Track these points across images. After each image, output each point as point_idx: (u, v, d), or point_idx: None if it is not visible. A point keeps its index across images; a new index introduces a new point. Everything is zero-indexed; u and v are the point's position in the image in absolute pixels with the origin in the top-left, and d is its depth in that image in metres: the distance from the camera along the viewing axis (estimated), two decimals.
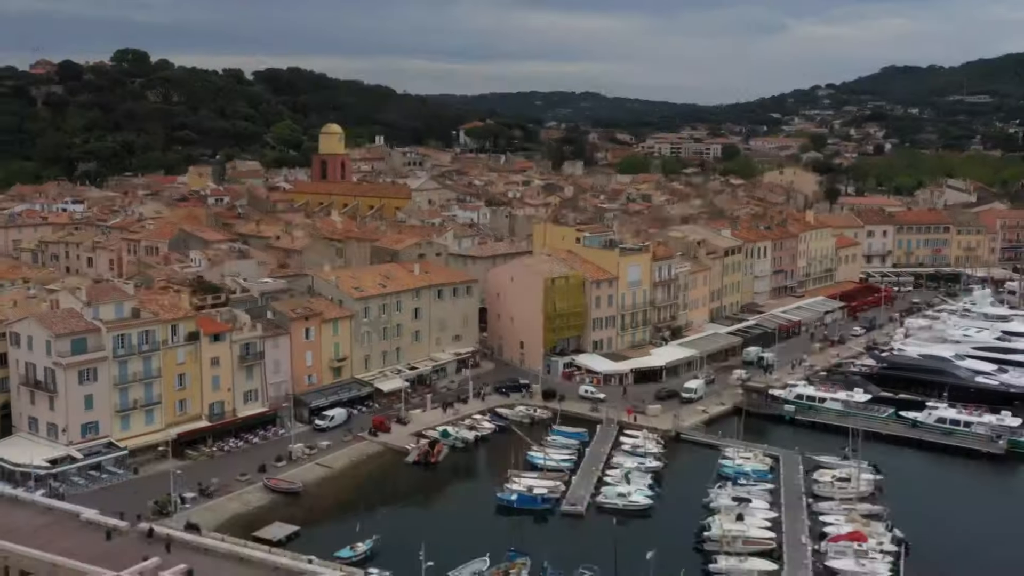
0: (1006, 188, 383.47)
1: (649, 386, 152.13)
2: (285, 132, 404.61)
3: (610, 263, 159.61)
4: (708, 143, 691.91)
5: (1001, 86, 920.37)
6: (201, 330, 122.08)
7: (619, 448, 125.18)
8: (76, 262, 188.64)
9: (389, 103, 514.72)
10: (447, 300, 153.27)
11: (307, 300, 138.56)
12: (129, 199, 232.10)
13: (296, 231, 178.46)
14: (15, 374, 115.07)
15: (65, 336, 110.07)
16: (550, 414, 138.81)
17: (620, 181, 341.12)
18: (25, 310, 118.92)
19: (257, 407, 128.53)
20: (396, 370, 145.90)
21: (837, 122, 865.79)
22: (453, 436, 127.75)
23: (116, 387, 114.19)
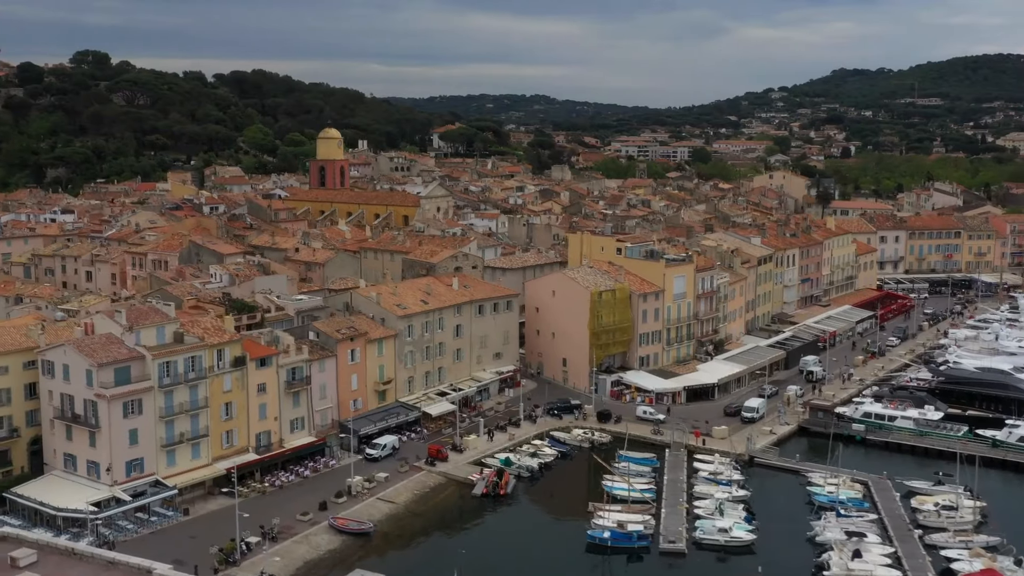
0: (988, 191, 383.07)
1: (702, 404, 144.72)
2: (258, 136, 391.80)
3: (655, 275, 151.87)
4: (674, 146, 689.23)
5: (950, 89, 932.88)
6: (248, 354, 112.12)
7: (697, 475, 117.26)
8: (74, 277, 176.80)
9: (359, 107, 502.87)
10: (488, 316, 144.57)
11: (349, 319, 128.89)
12: (120, 208, 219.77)
13: (314, 242, 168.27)
14: (48, 406, 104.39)
15: (108, 365, 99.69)
16: (609, 437, 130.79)
17: (608, 186, 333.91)
18: (54, 335, 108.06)
19: (304, 436, 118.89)
20: (440, 392, 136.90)
21: (795, 124, 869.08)
22: (516, 464, 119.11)
23: (162, 420, 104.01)
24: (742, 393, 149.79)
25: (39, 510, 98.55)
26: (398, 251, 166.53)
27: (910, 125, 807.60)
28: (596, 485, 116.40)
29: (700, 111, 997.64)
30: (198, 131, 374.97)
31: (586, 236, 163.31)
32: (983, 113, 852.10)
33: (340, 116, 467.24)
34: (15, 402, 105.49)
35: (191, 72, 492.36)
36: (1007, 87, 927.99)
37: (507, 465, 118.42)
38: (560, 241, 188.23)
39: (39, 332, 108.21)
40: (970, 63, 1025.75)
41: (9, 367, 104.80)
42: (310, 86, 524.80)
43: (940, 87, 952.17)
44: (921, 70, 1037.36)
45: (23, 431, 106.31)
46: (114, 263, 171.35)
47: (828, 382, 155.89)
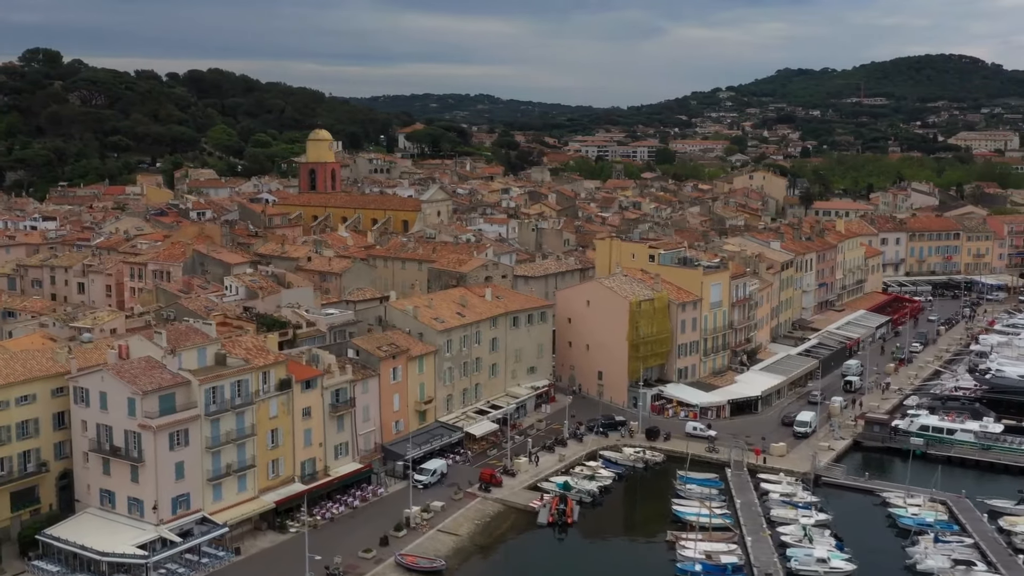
0: (961, 191, 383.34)
1: (746, 418, 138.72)
2: (223, 137, 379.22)
3: (693, 282, 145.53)
4: (633, 146, 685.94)
5: (895, 88, 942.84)
6: (293, 376, 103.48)
7: (768, 497, 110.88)
8: (64, 288, 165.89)
9: (320, 107, 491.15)
10: (522, 328, 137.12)
11: (387, 334, 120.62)
12: (103, 214, 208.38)
13: (326, 251, 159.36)
14: (81, 438, 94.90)
15: (153, 393, 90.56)
16: (662, 456, 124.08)
17: (586, 187, 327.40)
18: (83, 359, 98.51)
19: (348, 462, 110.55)
20: (478, 410, 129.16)
21: (747, 124, 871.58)
22: (576, 489, 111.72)
23: (208, 451, 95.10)
24: (784, 405, 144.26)
25: (80, 554, 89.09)
26: (420, 260, 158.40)
27: (861, 124, 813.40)
28: (662, 509, 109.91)
29: (650, 110, 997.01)
30: (161, 132, 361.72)
31: (615, 242, 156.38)
32: (928, 112, 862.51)
33: (302, 116, 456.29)
34: (43, 433, 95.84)
35: (143, 71, 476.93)
36: (950, 87, 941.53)
37: (567, 490, 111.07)
38: (574, 246, 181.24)
39: (67, 356, 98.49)
40: (913, 63, 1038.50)
41: (37, 395, 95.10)
42: (268, 85, 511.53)
43: (885, 87, 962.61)
44: (866, 70, 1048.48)
45: (51, 465, 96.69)
46: (109, 274, 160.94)
47: (868, 391, 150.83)
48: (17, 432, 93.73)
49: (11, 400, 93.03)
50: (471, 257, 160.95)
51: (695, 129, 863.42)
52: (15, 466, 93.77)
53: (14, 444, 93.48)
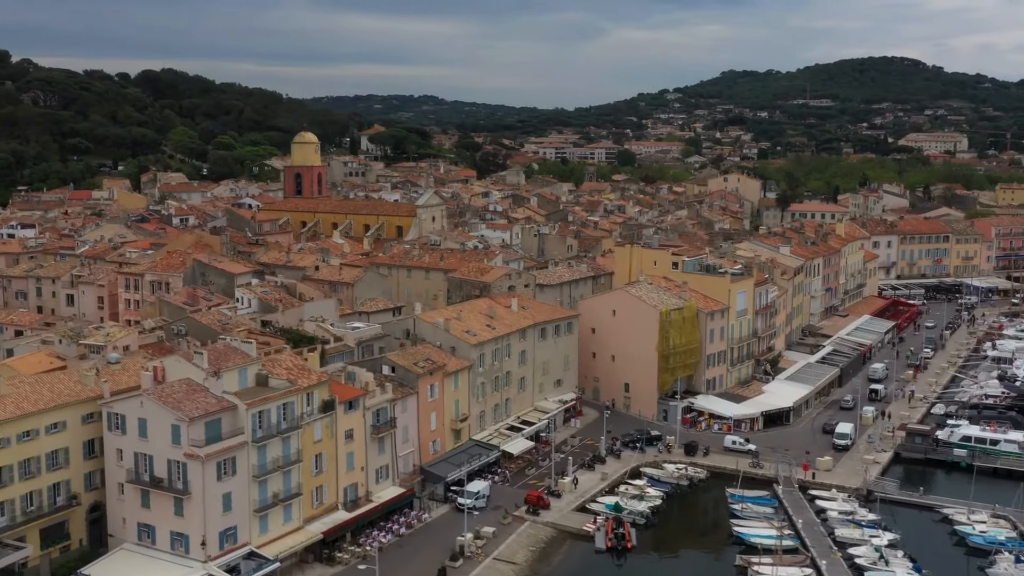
0: (928, 193, 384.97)
1: (780, 430, 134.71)
2: (185, 140, 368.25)
3: (720, 290, 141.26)
4: (590, 148, 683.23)
5: (839, 90, 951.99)
6: (336, 397, 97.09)
7: (826, 515, 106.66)
8: (51, 300, 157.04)
9: (279, 108, 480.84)
10: (550, 339, 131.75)
11: (420, 349, 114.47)
12: (82, 221, 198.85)
13: (333, 259, 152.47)
14: (116, 468, 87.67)
15: (200, 419, 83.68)
16: (705, 473, 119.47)
17: (562, 190, 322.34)
18: (113, 382, 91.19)
19: (389, 486, 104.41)
20: (510, 427, 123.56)
21: (697, 125, 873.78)
22: (628, 510, 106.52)
23: (255, 480, 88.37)
24: (813, 415, 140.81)
25: None
26: (427, 267, 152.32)
27: (811, 126, 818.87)
28: (719, 530, 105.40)
29: (599, 111, 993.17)
30: (121, 134, 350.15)
31: (636, 249, 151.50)
32: (873, 114, 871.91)
33: (262, 118, 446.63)
34: (73, 463, 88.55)
35: (93, 71, 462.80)
36: (893, 89, 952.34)
37: (618, 511, 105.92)
38: (577, 252, 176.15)
39: (95, 378, 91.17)
40: (856, 65, 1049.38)
41: (67, 422, 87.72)
42: (223, 86, 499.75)
43: (829, 88, 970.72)
44: (810, 71, 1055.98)
45: (82, 497, 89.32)
46: (101, 284, 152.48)
47: (894, 399, 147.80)
48: (47, 463, 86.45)
49: (41, 429, 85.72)
50: (480, 264, 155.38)
51: (647, 131, 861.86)
52: (45, 500, 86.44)
53: (44, 476, 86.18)
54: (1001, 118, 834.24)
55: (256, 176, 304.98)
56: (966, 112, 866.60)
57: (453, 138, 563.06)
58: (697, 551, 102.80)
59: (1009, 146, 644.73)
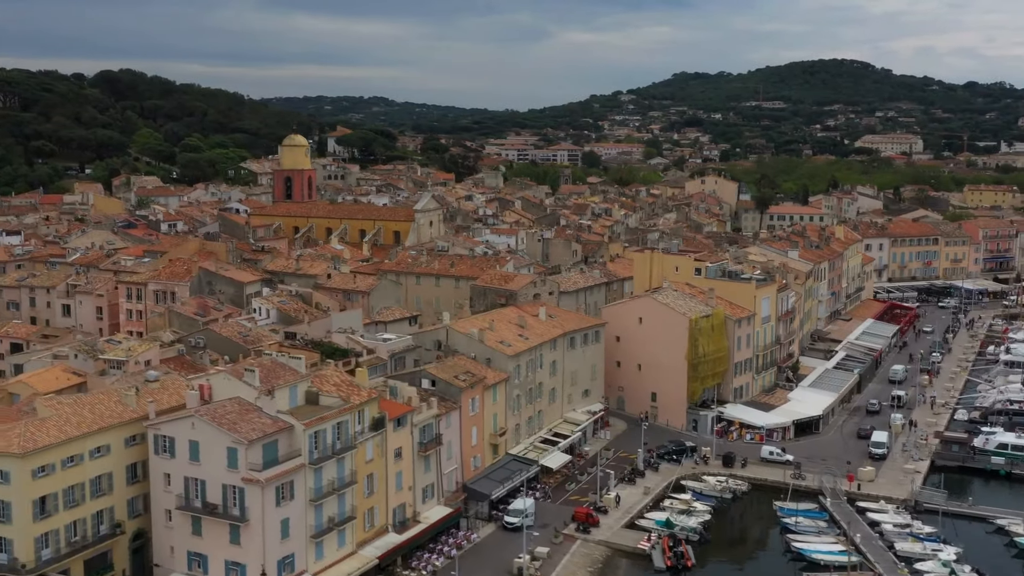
0: (899, 195, 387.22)
1: (812, 439, 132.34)
2: (151, 142, 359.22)
3: (746, 297, 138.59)
4: (553, 149, 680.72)
5: (791, 92, 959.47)
6: (386, 414, 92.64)
7: (882, 528, 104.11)
8: (46, 311, 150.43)
9: (242, 109, 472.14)
10: (578, 348, 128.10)
11: (458, 361, 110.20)
12: (68, 227, 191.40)
13: (343, 266, 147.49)
14: (163, 494, 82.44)
15: (258, 441, 78.84)
16: (747, 485, 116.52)
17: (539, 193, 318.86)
18: (151, 401, 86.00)
19: (435, 506, 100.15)
20: (544, 440, 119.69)
21: (654, 127, 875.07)
22: (679, 526, 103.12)
23: (311, 504, 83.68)
24: (840, 423, 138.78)
25: None
26: (437, 274, 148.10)
27: (767, 128, 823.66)
28: (774, 545, 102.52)
29: (554, 113, 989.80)
30: (87, 136, 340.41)
31: (657, 255, 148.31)
32: (826, 116, 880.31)
33: (226, 120, 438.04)
34: (116, 489, 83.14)
35: (47, 71, 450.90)
36: (844, 91, 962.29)
37: (670, 528, 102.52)
38: (590, 257, 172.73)
39: (136, 398, 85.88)
40: (807, 67, 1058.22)
41: (110, 446, 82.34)
42: (184, 87, 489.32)
43: (781, 90, 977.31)
44: (761, 73, 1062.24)
45: (126, 525, 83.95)
46: (100, 294, 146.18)
47: (917, 405, 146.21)
48: (91, 490, 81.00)
49: (85, 453, 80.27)
50: (494, 271, 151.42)
51: (603, 132, 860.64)
52: (89, 529, 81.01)
53: (88, 504, 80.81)
54: (950, 120, 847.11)
55: (232, 180, 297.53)
56: (916, 114, 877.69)
57: (417, 140, 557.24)
58: (757, 568, 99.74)
59: (965, 147, 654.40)
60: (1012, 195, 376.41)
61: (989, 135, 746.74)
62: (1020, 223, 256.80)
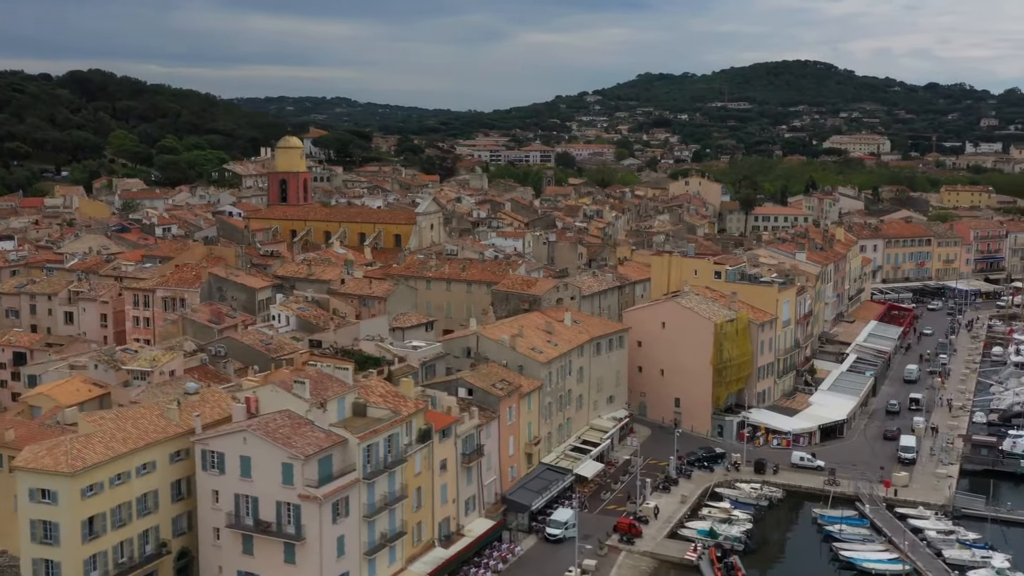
0: (877, 195, 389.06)
1: (837, 444, 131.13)
2: (127, 144, 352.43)
3: (768, 301, 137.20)
4: (525, 150, 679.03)
5: (756, 93, 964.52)
6: (432, 426, 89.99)
7: (927, 535, 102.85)
8: (47, 319, 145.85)
9: (215, 110, 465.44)
10: (603, 355, 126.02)
11: (492, 369, 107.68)
12: (61, 232, 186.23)
13: (356, 271, 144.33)
14: (210, 511, 79.23)
15: (314, 456, 75.91)
16: (781, 492, 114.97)
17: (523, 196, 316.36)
18: (192, 414, 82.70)
19: (477, 518, 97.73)
20: (573, 447, 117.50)
21: (623, 128, 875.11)
22: (723, 536, 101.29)
23: (365, 520, 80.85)
24: (861, 427, 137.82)
25: None
26: (448, 278, 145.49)
27: (734, 129, 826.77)
28: (820, 553, 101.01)
29: (519, 114, 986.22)
30: (62, 138, 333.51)
31: (675, 259, 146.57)
32: (791, 116, 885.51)
33: (200, 121, 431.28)
34: (162, 507, 79.74)
35: (13, 71, 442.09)
36: (808, 92, 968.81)
37: (713, 537, 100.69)
38: (599, 260, 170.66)
39: (178, 411, 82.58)
40: (771, 68, 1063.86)
41: (156, 462, 78.97)
42: (155, 87, 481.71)
43: (746, 91, 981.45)
44: (726, 74, 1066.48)
45: (171, 544, 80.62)
46: (104, 301, 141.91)
47: (936, 407, 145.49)
48: (138, 508, 77.60)
49: (132, 470, 76.87)
50: (507, 275, 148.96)
51: (572, 133, 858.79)
52: (136, 549, 77.57)
53: (135, 523, 77.40)
54: (914, 120, 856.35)
55: (216, 182, 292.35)
56: (880, 115, 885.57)
57: (390, 141, 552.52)
58: None
59: (934, 148, 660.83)
60: (988, 195, 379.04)
61: (953, 136, 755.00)
62: (1010, 224, 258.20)
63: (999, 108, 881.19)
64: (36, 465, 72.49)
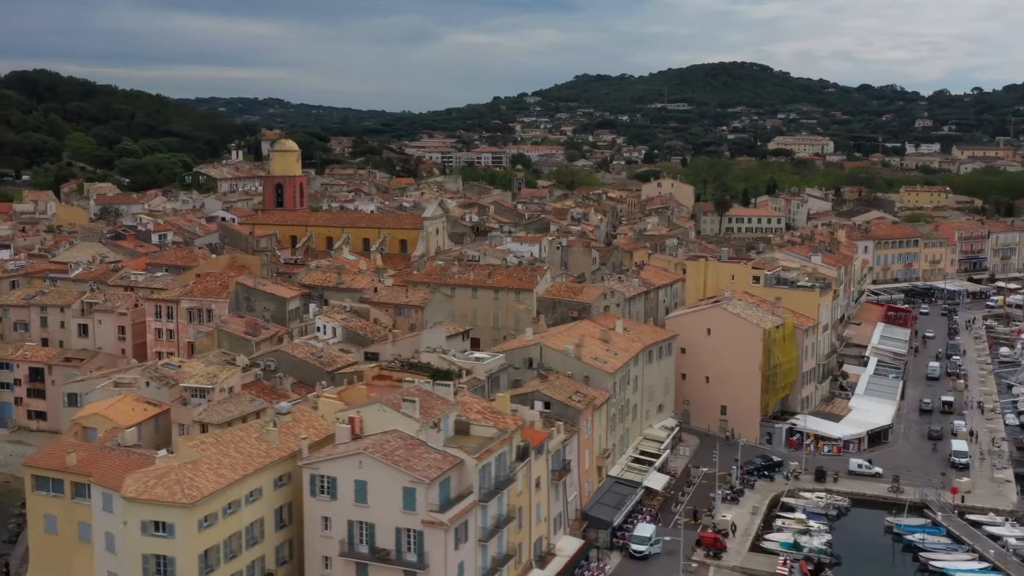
0: (840, 195, 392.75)
1: (885, 449, 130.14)
2: (86, 146, 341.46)
3: (809, 306, 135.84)
4: (477, 152, 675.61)
5: (695, 95, 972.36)
6: (530, 442, 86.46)
7: (1007, 542, 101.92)
8: (59, 331, 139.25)
9: (168, 112, 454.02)
10: (654, 363, 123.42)
11: (567, 381, 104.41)
12: (54, 240, 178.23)
13: (386, 279, 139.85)
14: (318, 539, 74.69)
15: (436, 480, 72.01)
16: (847, 501, 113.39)
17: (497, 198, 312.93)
18: (286, 437, 78.30)
19: (563, 536, 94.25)
20: (634, 459, 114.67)
21: (568, 128, 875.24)
22: (807, 548, 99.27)
23: (480, 544, 77.08)
24: (901, 430, 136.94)
25: None
26: (474, 285, 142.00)
27: (677, 130, 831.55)
28: (906, 564, 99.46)
29: (459, 115, 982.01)
30: (19, 141, 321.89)
31: (712, 264, 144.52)
32: (730, 118, 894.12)
33: (155, 123, 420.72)
34: (267, 536, 75.12)
35: None
36: (746, 93, 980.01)
37: (797, 549, 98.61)
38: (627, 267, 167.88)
39: (277, 434, 78.02)
40: (709, 70, 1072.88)
41: (263, 488, 74.37)
42: (104, 88, 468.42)
43: (684, 92, 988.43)
44: (664, 76, 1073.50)
45: (276, 574, 75.99)
46: (122, 312, 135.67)
47: (966, 410, 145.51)
48: (247, 539, 72.95)
49: (242, 498, 72.21)
50: (534, 281, 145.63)
51: (516, 134, 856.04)
52: None
53: (244, 554, 72.88)
54: (850, 121, 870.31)
55: (189, 186, 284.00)
56: (816, 116, 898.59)
57: (343, 143, 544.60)
58: None
59: (880, 149, 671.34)
60: (945, 196, 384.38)
61: (892, 136, 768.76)
62: (991, 224, 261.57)
63: (930, 109, 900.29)
64: (150, 496, 67.54)
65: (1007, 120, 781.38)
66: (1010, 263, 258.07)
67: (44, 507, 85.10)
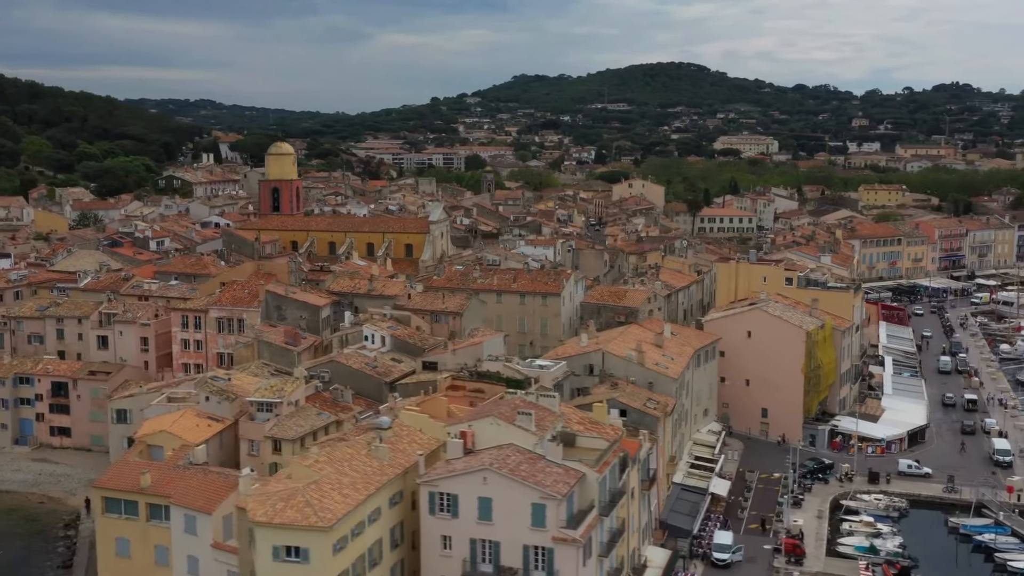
0: (801, 195, 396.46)
1: (926, 448, 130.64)
2: (43, 150, 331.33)
3: (845, 307, 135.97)
4: (429, 152, 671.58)
5: (634, 95, 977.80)
6: (628, 453, 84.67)
7: None
8: (77, 344, 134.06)
9: (120, 114, 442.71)
10: (701, 367, 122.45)
11: (633, 388, 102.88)
12: (51, 248, 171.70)
13: (418, 285, 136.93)
14: (437, 559, 72.24)
15: (566, 496, 69.91)
16: (904, 502, 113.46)
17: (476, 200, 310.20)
18: (397, 451, 75.67)
19: (649, 547, 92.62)
20: (692, 465, 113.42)
21: (512, 129, 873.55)
22: (884, 552, 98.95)
23: (600, 559, 75.13)
24: (932, 430, 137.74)
25: None
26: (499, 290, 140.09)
27: (621, 130, 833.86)
28: (981, 565, 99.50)
29: (400, 116, 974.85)
30: None
31: (743, 266, 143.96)
32: (670, 118, 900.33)
33: (110, 125, 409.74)
34: (384, 558, 72.32)
35: None
36: (684, 93, 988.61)
37: (873, 553, 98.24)
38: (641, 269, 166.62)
39: (387, 451, 75.21)
40: (647, 71, 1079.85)
41: (381, 508, 71.61)
42: (52, 90, 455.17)
43: (624, 93, 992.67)
44: (602, 76, 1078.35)
45: None
46: (145, 323, 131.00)
47: (990, 406, 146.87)
48: (369, 561, 70.16)
49: (366, 519, 69.40)
50: (560, 285, 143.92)
51: (460, 135, 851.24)
52: None
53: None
54: (789, 121, 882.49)
55: (162, 190, 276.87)
56: (755, 115, 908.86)
57: (297, 144, 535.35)
58: None
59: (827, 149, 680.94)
60: (902, 194, 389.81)
61: (831, 136, 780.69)
62: (968, 222, 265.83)
63: (864, 108, 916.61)
64: (282, 520, 64.42)
65: (941, 119, 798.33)
66: (987, 260, 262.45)
67: (116, 530, 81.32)
